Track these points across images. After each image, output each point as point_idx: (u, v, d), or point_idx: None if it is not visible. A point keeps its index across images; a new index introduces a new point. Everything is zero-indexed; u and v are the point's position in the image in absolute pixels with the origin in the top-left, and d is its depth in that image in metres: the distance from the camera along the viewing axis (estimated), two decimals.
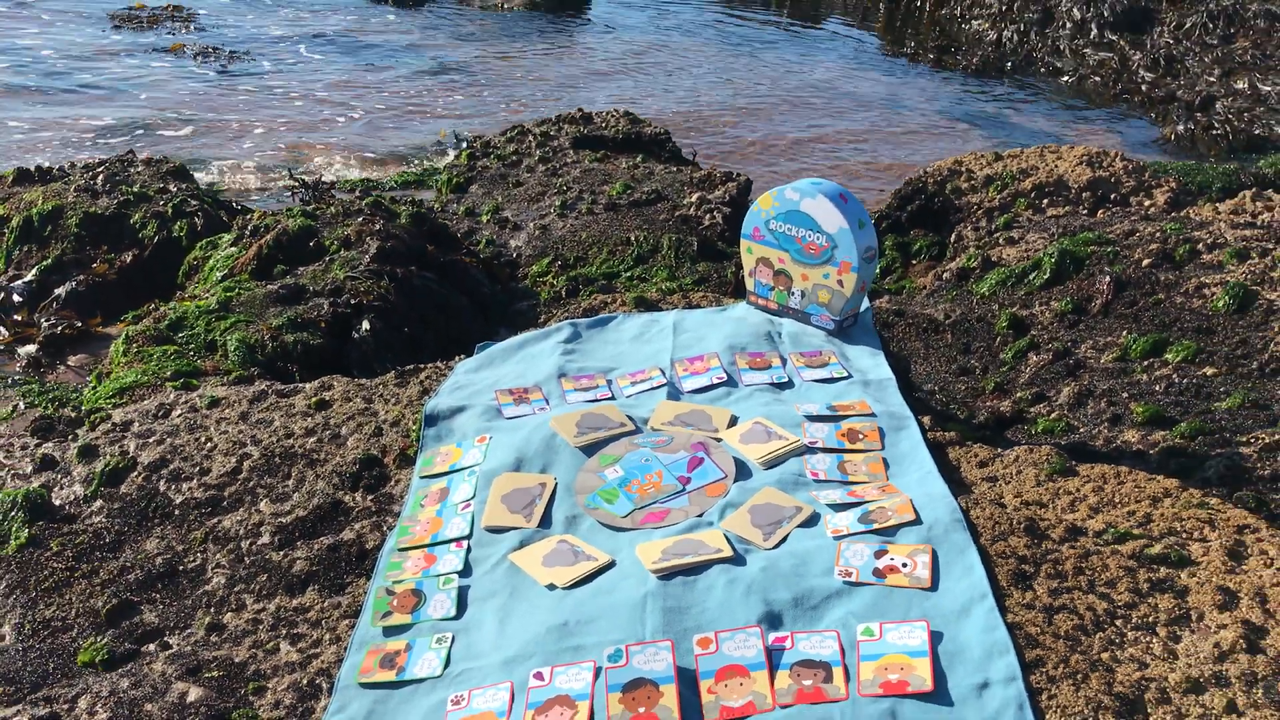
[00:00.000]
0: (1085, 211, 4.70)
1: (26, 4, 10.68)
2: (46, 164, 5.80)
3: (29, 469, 2.93)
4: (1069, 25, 12.25)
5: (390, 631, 2.15)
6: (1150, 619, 1.90)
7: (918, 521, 2.17)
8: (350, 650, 2.13)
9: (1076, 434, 3.11)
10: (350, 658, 2.10)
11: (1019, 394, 3.39)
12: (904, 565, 2.05)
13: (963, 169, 5.06)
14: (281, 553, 2.48)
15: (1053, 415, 3.23)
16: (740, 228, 3.30)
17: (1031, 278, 4.01)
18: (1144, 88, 10.49)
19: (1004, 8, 13.31)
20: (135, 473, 2.84)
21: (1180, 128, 9.14)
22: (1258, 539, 2.09)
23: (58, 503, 2.77)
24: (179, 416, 3.08)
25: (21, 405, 3.87)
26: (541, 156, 6.29)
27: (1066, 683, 1.78)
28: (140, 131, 7.30)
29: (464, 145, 6.56)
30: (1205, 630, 1.85)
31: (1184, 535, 2.11)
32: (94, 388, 3.77)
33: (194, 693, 2.11)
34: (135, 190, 5.21)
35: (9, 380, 4.12)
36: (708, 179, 5.62)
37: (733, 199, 5.29)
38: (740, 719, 1.79)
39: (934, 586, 2.00)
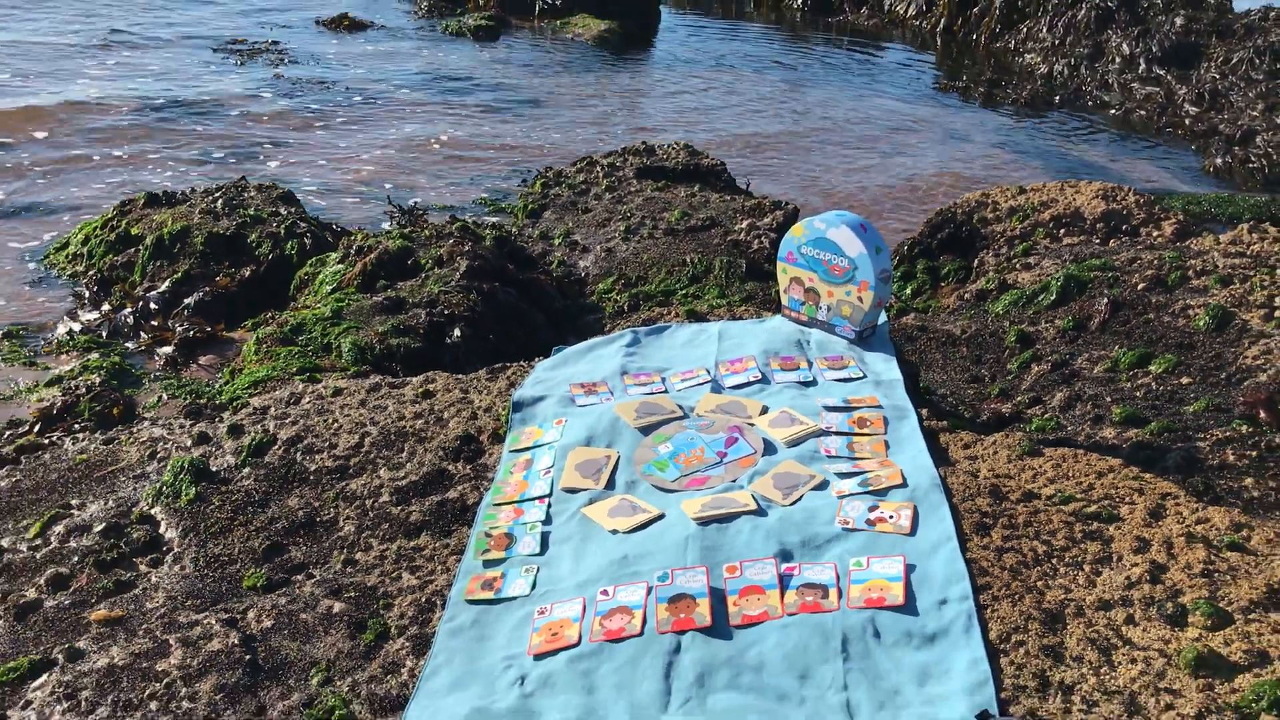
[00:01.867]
0: (1098, 241, 5.20)
1: (145, 38, 11.60)
2: (171, 188, 6.54)
3: (189, 443, 3.59)
4: (1118, 60, 12.67)
5: (489, 564, 2.75)
6: (1079, 559, 2.45)
7: (905, 485, 2.73)
8: (458, 577, 2.73)
9: (1064, 431, 3.64)
10: (459, 582, 2.71)
11: (1019, 398, 3.93)
12: (890, 517, 2.61)
13: (989, 201, 5.59)
14: (399, 508, 3.10)
15: (1045, 415, 3.75)
16: None
17: (1040, 299, 4.54)
18: (1188, 121, 10.88)
19: (1056, 42, 13.77)
20: (276, 446, 3.48)
21: (1219, 160, 9.54)
22: (1175, 504, 2.62)
23: (214, 469, 3.41)
24: (308, 403, 3.73)
25: (165, 396, 4.56)
26: (608, 185, 6.92)
27: (1006, 601, 2.34)
28: (246, 154, 8.06)
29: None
30: (1120, 567, 2.39)
31: (1117, 500, 2.64)
32: (228, 381, 4.45)
33: (337, 606, 2.72)
34: (251, 213, 5.92)
35: (151, 375, 4.81)
36: (758, 207, 6.20)
37: (779, 226, 5.87)
38: (756, 623, 2.36)
39: (913, 533, 2.56)
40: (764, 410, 3.23)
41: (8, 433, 4.14)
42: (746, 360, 3.55)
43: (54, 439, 3.89)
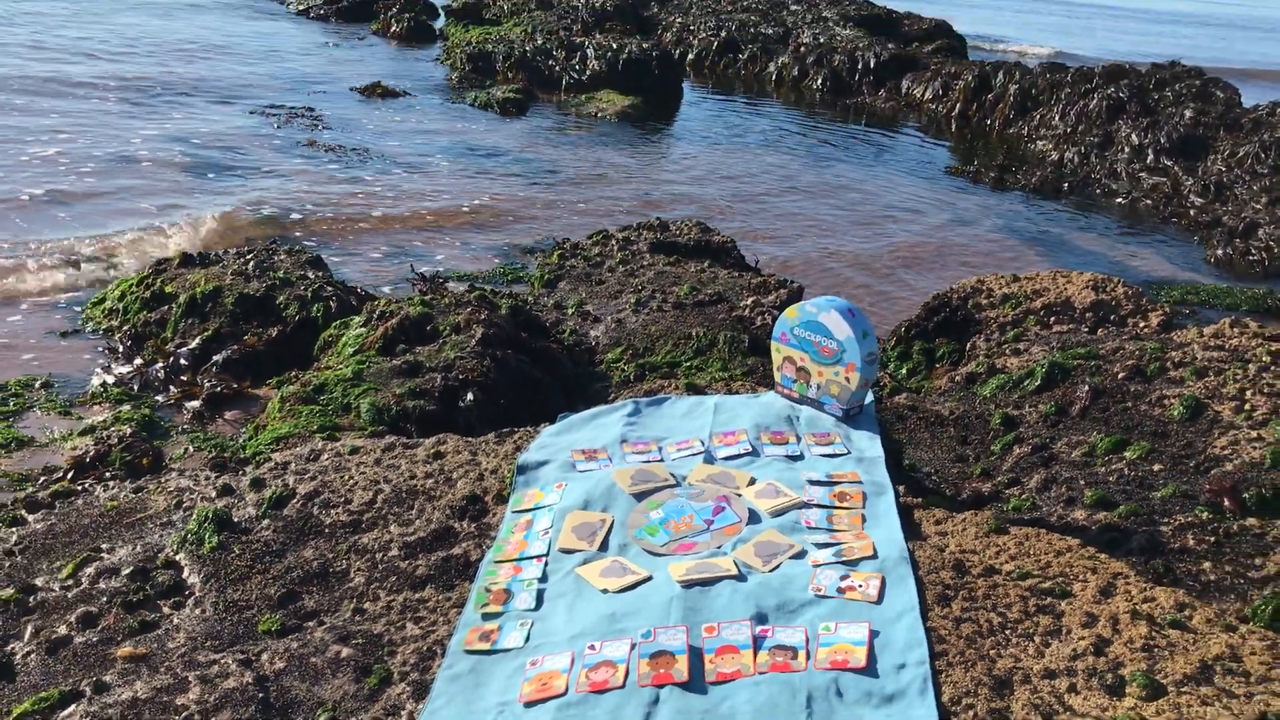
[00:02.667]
0: (1087, 330, 5.43)
1: (183, 96, 12.07)
2: (204, 249, 6.86)
3: (213, 494, 3.83)
4: (1127, 150, 12.98)
5: (487, 617, 2.96)
6: (1030, 630, 2.64)
7: (875, 557, 2.94)
8: (458, 628, 2.94)
9: (1039, 510, 3.84)
10: (458, 633, 2.92)
11: (999, 478, 4.13)
12: (860, 586, 2.82)
13: (984, 287, 5.84)
14: (407, 561, 3.33)
15: (1022, 496, 3.95)
16: None
17: (1026, 384, 4.75)
18: (1192, 212, 11.15)
19: (1068, 130, 14.12)
20: (295, 500, 3.72)
21: (1220, 251, 9.78)
22: (1125, 583, 2.82)
23: (236, 519, 3.64)
24: (327, 459, 3.97)
25: (191, 448, 4.81)
26: (622, 259, 7.20)
27: (960, 667, 2.53)
28: (280, 217, 8.39)
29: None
30: (1068, 640, 2.58)
31: (1071, 577, 2.84)
32: (252, 436, 4.70)
33: (345, 651, 2.94)
34: (280, 275, 6.22)
35: (179, 428, 5.06)
36: (764, 285, 6.46)
37: (783, 303, 6.11)
38: (730, 680, 2.56)
39: (880, 601, 2.77)
40: (752, 481, 3.45)
41: (43, 478, 4.39)
42: (739, 433, 3.77)
43: (86, 486, 4.13)
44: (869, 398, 3.97)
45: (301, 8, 20.80)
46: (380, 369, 4.98)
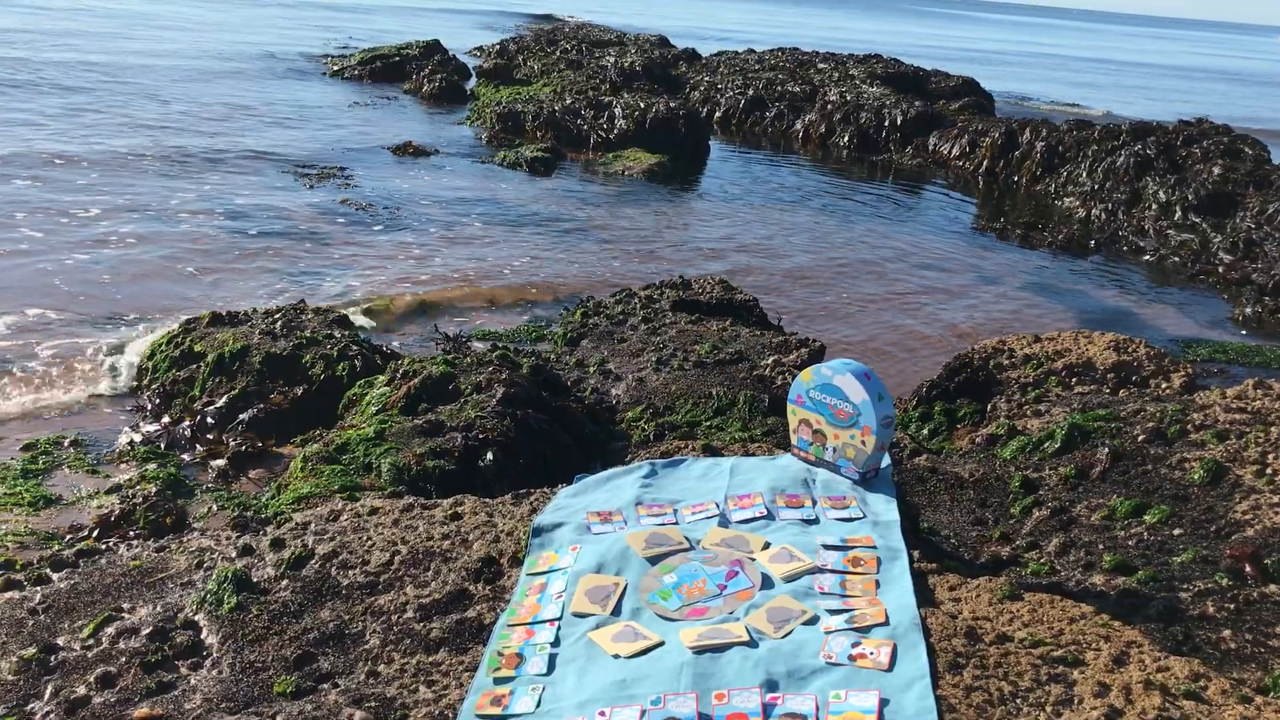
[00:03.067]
0: (1109, 391, 5.41)
1: (216, 156, 12.33)
2: (234, 300, 6.98)
3: (233, 554, 3.87)
4: (1155, 206, 12.96)
5: (499, 681, 2.97)
6: (1042, 700, 2.62)
7: (887, 623, 2.93)
8: (470, 693, 2.95)
9: (1057, 575, 3.81)
10: (470, 698, 2.93)
11: (1018, 542, 4.11)
12: (871, 653, 2.81)
13: (1006, 347, 5.84)
14: (422, 624, 3.34)
15: (1041, 560, 3.93)
16: None
17: (1046, 446, 4.74)
18: (1220, 269, 11.10)
19: (1095, 187, 14.12)
20: (313, 560, 3.75)
21: (1249, 309, 9.72)
22: (1139, 652, 2.79)
23: (255, 580, 3.68)
24: (346, 520, 4.01)
25: (214, 507, 4.87)
26: (644, 317, 7.26)
27: None
28: (308, 274, 8.53)
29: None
30: (1080, 709, 2.56)
31: (1084, 645, 2.82)
32: (275, 495, 4.75)
33: (358, 715, 2.95)
34: (307, 335, 6.31)
35: (204, 486, 5.13)
36: (785, 344, 6.49)
37: (803, 363, 6.12)
38: None
39: (890, 669, 2.75)
40: (766, 545, 3.45)
41: (69, 536, 4.46)
42: (754, 496, 3.78)
43: (111, 544, 4.19)
44: (885, 460, 3.97)
45: (336, 69, 21.23)
46: (402, 428, 5.03)
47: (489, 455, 4.84)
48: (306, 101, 17.48)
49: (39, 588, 3.75)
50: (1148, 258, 11.81)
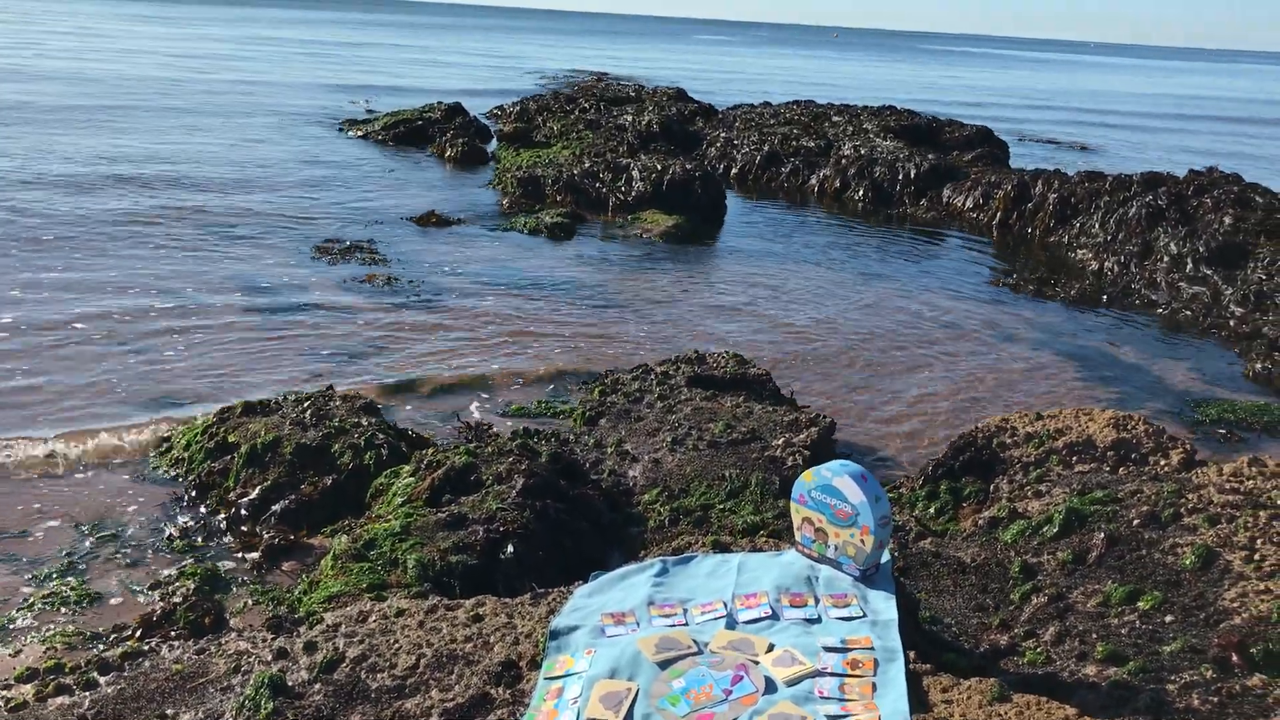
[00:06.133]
0: (1109, 469, 5.58)
1: (242, 229, 12.72)
2: (259, 384, 7.27)
3: (269, 657, 4.10)
4: (1166, 259, 13.11)
5: None
6: None
7: None
8: None
9: (1052, 665, 3.99)
10: None
11: (1016, 630, 4.28)
12: None
13: (1008, 426, 6.02)
14: None
15: (1037, 649, 4.10)
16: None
17: (1044, 530, 4.92)
18: (1232, 323, 11.22)
19: (1108, 238, 14.29)
20: (344, 664, 3.97)
21: (1259, 365, 9.83)
22: None
23: (290, 683, 3.90)
24: (374, 622, 4.23)
25: (250, 602, 5.11)
26: (660, 394, 7.49)
27: None
28: (342, 354, 8.82)
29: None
30: None
31: None
32: (307, 591, 4.99)
33: None
34: (335, 424, 6.57)
35: (239, 580, 5.37)
36: (795, 422, 6.70)
37: (814, 442, 6.34)
38: None
39: None
40: (770, 648, 3.65)
41: (113, 635, 4.71)
42: (760, 595, 3.98)
43: (153, 645, 4.43)
44: (885, 557, 4.16)
45: (361, 134, 21.74)
46: (426, 522, 5.26)
47: (509, 548, 5.06)
48: (331, 167, 17.92)
49: (87, 693, 3.99)
50: (1160, 310, 11.95)
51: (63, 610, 5.01)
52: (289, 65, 40.26)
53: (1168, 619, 4.12)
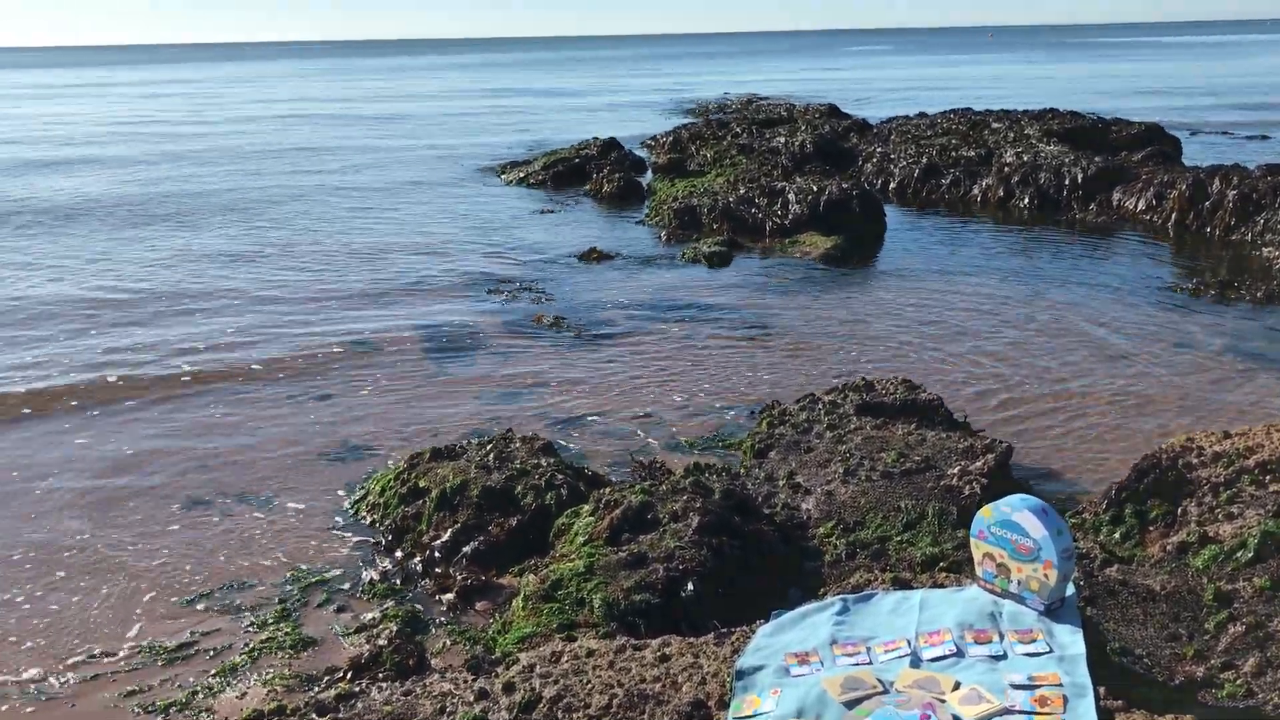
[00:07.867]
0: None
1: (413, 274, 13.36)
2: (452, 442, 7.64)
3: (471, 698, 4.34)
4: None
5: None
6: None
7: None
8: None
9: (1254, 699, 3.88)
10: None
11: (1213, 661, 4.17)
12: None
13: (1194, 446, 5.84)
14: None
15: (1237, 681, 3.99)
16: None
17: (1238, 555, 4.76)
18: None
19: None
20: (541, 704, 4.18)
21: None
22: None
23: None
24: (567, 662, 4.44)
25: (448, 642, 5.40)
26: (829, 424, 7.52)
27: None
28: (509, 395, 9.19)
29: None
30: None
31: None
32: (501, 630, 5.24)
33: None
34: (517, 466, 6.86)
35: (437, 621, 5.67)
36: (970, 449, 6.64)
37: (990, 470, 6.27)
38: None
39: None
40: (956, 686, 3.68)
41: (326, 678, 5.05)
42: (944, 632, 4.01)
43: (363, 686, 4.75)
44: (1070, 590, 4.13)
45: (521, 176, 22.44)
46: (608, 561, 5.46)
47: (690, 586, 5.20)
48: (495, 212, 18.62)
49: None
50: None
51: (279, 654, 5.40)
52: (453, 117, 41.81)
53: None
